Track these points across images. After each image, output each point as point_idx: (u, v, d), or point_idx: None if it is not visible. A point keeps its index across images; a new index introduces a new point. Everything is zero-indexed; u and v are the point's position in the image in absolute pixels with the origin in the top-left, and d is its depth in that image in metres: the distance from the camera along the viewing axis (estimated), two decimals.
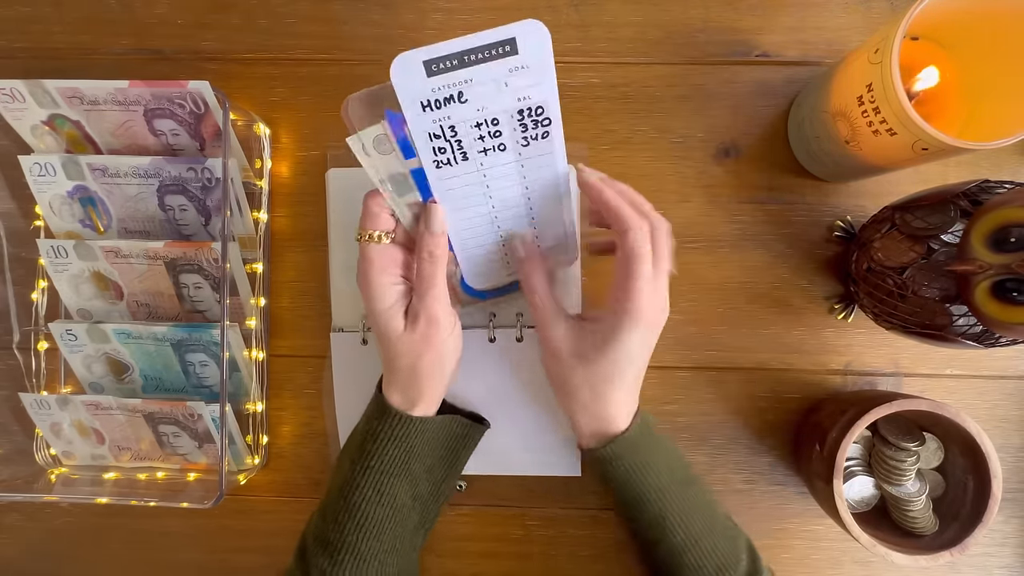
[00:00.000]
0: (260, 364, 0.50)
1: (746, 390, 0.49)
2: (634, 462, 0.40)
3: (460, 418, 0.43)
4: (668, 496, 0.40)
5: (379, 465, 0.40)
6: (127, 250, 0.47)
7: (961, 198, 0.38)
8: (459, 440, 0.44)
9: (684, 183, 0.49)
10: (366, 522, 0.39)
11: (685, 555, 0.39)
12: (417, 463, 0.41)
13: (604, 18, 0.49)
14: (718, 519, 0.41)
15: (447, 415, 0.43)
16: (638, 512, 0.40)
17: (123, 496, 0.47)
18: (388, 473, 0.40)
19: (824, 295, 0.49)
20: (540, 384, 0.47)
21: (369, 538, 0.39)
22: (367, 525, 0.39)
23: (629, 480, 0.40)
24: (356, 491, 0.40)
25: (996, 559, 0.49)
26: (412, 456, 0.40)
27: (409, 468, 0.40)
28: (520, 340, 0.47)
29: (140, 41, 0.51)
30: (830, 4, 0.49)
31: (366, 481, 0.40)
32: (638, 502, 0.40)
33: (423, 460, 0.41)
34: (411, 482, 0.40)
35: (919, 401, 0.41)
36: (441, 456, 0.42)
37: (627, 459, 0.40)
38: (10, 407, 0.50)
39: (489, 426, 0.47)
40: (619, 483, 0.40)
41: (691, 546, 0.39)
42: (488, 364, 0.47)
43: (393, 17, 0.50)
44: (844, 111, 0.39)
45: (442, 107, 0.34)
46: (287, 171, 0.51)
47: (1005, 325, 0.35)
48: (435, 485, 0.43)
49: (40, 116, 0.46)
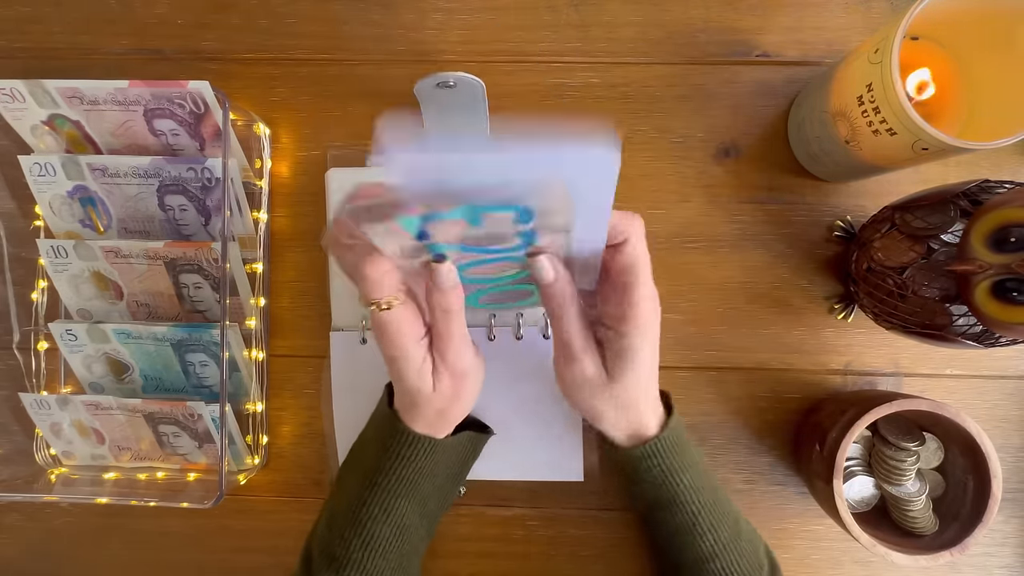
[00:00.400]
0: (260, 364, 0.50)
1: (746, 390, 0.49)
2: (671, 463, 0.39)
3: (471, 433, 0.43)
4: (702, 499, 0.39)
5: (388, 484, 0.39)
6: (127, 250, 0.47)
7: (961, 198, 0.38)
8: (468, 454, 0.44)
9: (684, 183, 0.49)
10: (372, 540, 0.39)
11: (713, 562, 0.39)
12: (428, 483, 0.40)
13: (604, 18, 0.49)
14: (742, 525, 0.41)
15: (461, 433, 0.41)
16: (669, 514, 0.39)
17: (123, 496, 0.47)
18: (397, 494, 0.39)
19: (824, 295, 0.49)
20: (539, 383, 0.47)
21: (376, 556, 0.39)
22: (373, 543, 0.39)
23: (665, 481, 0.39)
24: (363, 508, 0.39)
25: (996, 559, 0.49)
26: (424, 477, 0.40)
27: (419, 489, 0.40)
28: (520, 339, 0.47)
29: (140, 41, 0.51)
30: (830, 4, 0.49)
31: (374, 499, 0.39)
32: (671, 504, 0.39)
33: (434, 480, 0.40)
34: (420, 502, 0.40)
35: (919, 401, 0.41)
36: (451, 473, 0.42)
37: (664, 459, 0.39)
38: (10, 407, 0.50)
39: (494, 433, 0.46)
40: (653, 483, 0.39)
41: (720, 552, 0.39)
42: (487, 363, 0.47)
43: (393, 17, 0.50)
44: (844, 111, 0.39)
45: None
46: (287, 171, 0.51)
47: (1005, 325, 0.35)
48: (443, 499, 0.42)
49: (40, 116, 0.46)
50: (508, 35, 0.50)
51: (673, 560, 0.41)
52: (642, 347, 0.36)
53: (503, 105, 0.49)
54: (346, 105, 0.50)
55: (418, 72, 0.45)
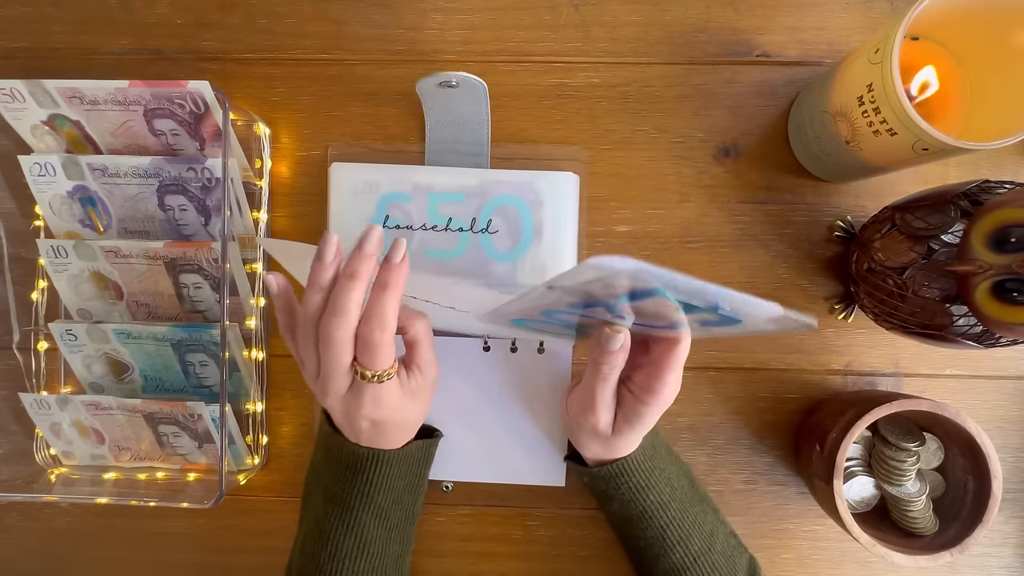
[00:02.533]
0: (260, 364, 0.50)
1: (746, 390, 0.49)
2: (639, 480, 0.40)
3: (420, 443, 0.43)
4: (669, 513, 0.40)
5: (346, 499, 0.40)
6: (127, 250, 0.47)
7: (961, 198, 0.38)
8: (420, 463, 0.44)
9: (684, 183, 0.49)
10: (337, 553, 0.39)
11: (683, 573, 0.40)
12: (384, 496, 0.41)
13: (604, 18, 0.49)
14: (718, 538, 0.42)
15: (410, 444, 0.42)
16: (640, 529, 0.41)
17: (123, 496, 0.47)
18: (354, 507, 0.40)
19: (824, 295, 0.49)
20: (533, 394, 0.47)
21: (343, 570, 0.39)
22: (339, 556, 0.39)
23: (633, 498, 0.40)
24: (326, 521, 0.40)
25: (996, 559, 0.49)
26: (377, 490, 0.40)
27: (375, 502, 0.40)
28: (515, 351, 0.47)
29: (140, 41, 0.51)
30: (830, 4, 0.49)
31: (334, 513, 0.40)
32: (640, 519, 0.41)
33: (390, 493, 0.41)
34: (380, 515, 0.41)
35: (919, 401, 0.41)
36: (407, 483, 0.42)
37: (632, 476, 0.40)
38: (10, 407, 0.50)
39: (443, 435, 0.47)
40: (623, 501, 0.41)
41: (690, 564, 0.40)
42: (482, 373, 0.48)
43: (393, 17, 0.50)
44: (844, 111, 0.39)
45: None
46: (287, 171, 0.51)
47: (1005, 325, 0.35)
48: (406, 511, 0.43)
49: (40, 116, 0.46)
50: (508, 35, 0.50)
51: (647, 574, 0.42)
52: (653, 418, 0.38)
53: (503, 105, 0.49)
54: (346, 105, 0.50)
55: (418, 72, 0.45)
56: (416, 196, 0.46)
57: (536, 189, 0.45)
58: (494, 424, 0.48)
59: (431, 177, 0.46)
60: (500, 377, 0.48)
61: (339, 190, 0.47)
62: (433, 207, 0.46)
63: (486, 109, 0.47)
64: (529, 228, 0.46)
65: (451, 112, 0.47)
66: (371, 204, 0.47)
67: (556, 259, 0.46)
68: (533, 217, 0.45)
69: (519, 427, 0.48)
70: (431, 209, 0.46)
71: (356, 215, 0.47)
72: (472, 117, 0.47)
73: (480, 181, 0.46)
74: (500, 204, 0.46)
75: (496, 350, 0.47)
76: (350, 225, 0.47)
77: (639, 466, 0.41)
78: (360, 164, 0.47)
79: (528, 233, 0.46)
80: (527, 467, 0.48)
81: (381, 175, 0.46)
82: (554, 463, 0.48)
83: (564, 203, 0.46)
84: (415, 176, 0.46)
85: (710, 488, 0.49)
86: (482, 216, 0.46)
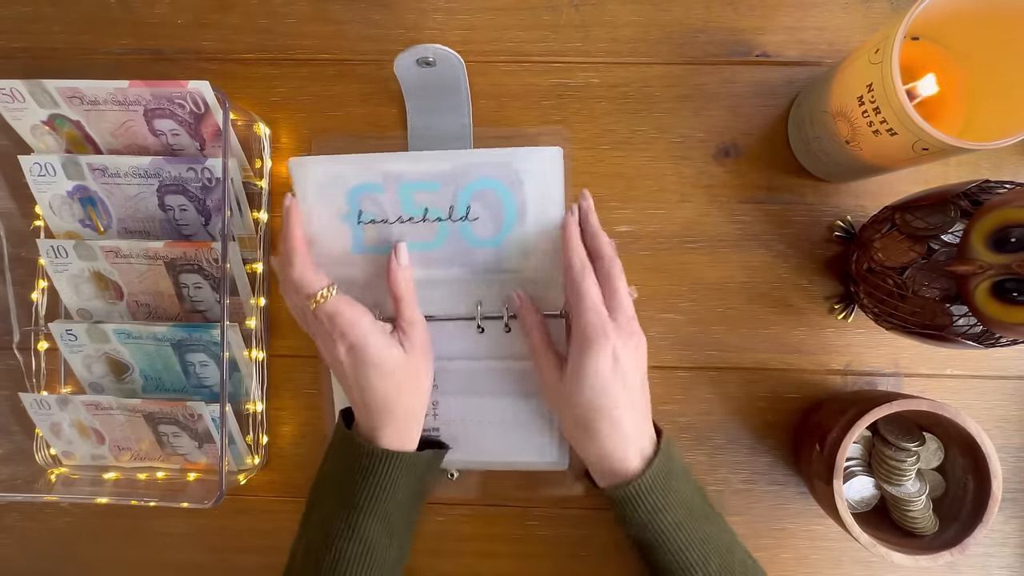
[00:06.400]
0: (260, 364, 0.50)
1: (746, 390, 0.49)
2: (654, 502, 0.39)
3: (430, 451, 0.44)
4: (689, 536, 0.39)
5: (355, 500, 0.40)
6: (127, 250, 0.47)
7: (961, 198, 0.38)
8: (428, 471, 0.44)
9: (684, 183, 0.49)
10: (341, 557, 0.39)
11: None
12: (390, 501, 0.41)
13: (604, 18, 0.49)
14: (736, 555, 0.41)
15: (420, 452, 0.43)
16: (659, 554, 0.40)
17: (123, 496, 0.47)
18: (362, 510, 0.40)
19: (824, 295, 0.49)
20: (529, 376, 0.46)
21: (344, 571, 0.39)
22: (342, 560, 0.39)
23: (650, 521, 0.39)
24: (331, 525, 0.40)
25: (996, 559, 0.49)
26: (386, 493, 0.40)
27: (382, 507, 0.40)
28: (508, 331, 0.46)
29: (140, 41, 0.51)
30: (830, 4, 0.49)
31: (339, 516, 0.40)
32: (653, 546, 0.39)
33: (396, 496, 0.41)
34: (384, 520, 0.40)
35: (919, 401, 0.41)
36: (412, 490, 0.42)
37: (646, 499, 0.39)
38: (10, 407, 0.50)
39: (449, 448, 0.47)
40: (637, 527, 0.40)
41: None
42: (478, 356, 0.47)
43: (393, 17, 0.50)
44: (844, 111, 0.39)
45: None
46: (287, 171, 0.50)
47: (1005, 325, 0.35)
48: (405, 519, 0.43)
49: (40, 116, 0.46)
50: (508, 35, 0.50)
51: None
52: (590, 367, 0.39)
53: (503, 104, 0.49)
54: (346, 105, 0.50)
55: None
56: (387, 186, 0.43)
57: (515, 168, 0.42)
58: (492, 406, 0.47)
59: (400, 164, 0.43)
60: (496, 359, 0.47)
61: (302, 187, 0.44)
62: (407, 197, 0.43)
63: (466, 89, 0.46)
64: (512, 210, 0.43)
65: (430, 94, 0.46)
66: (340, 198, 0.44)
67: (543, 239, 0.44)
68: (516, 198, 0.43)
69: (517, 408, 0.47)
70: (404, 200, 0.43)
71: (328, 213, 0.44)
72: (451, 96, 0.46)
73: (453, 165, 0.42)
74: (477, 189, 0.43)
75: (490, 332, 0.47)
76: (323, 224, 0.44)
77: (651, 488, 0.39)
78: (322, 156, 0.44)
79: (511, 216, 0.43)
80: (527, 447, 0.48)
81: (345, 166, 0.43)
82: (553, 442, 0.47)
83: (547, 180, 0.43)
84: (382, 164, 0.43)
85: (710, 488, 0.49)
86: (459, 203, 0.43)
